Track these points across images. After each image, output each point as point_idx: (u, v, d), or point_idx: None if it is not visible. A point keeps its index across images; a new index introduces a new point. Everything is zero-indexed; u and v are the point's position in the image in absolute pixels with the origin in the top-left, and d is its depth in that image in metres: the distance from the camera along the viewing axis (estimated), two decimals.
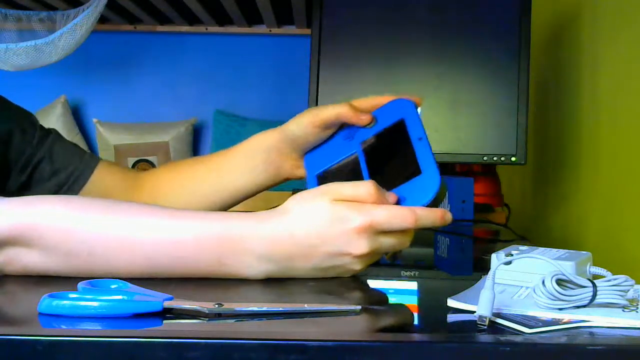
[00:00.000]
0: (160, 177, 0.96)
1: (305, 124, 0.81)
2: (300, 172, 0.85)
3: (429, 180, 0.62)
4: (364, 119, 0.76)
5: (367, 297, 0.60)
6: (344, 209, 0.58)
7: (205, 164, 0.93)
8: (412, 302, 0.58)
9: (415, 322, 0.54)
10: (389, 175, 0.65)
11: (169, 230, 0.59)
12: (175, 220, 0.60)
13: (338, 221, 0.58)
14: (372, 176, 0.69)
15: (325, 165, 0.77)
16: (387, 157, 0.71)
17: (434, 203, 0.62)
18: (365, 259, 0.60)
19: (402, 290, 0.63)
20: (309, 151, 0.83)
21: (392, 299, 0.58)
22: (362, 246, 0.58)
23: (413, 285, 0.65)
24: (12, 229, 0.58)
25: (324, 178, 0.75)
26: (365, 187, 0.60)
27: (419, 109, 0.71)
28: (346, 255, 0.59)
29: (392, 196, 0.62)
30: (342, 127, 0.80)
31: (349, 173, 0.72)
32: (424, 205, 0.61)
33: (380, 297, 0.61)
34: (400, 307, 0.57)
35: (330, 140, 0.80)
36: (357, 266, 0.60)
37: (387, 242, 0.60)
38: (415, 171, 0.64)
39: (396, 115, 0.72)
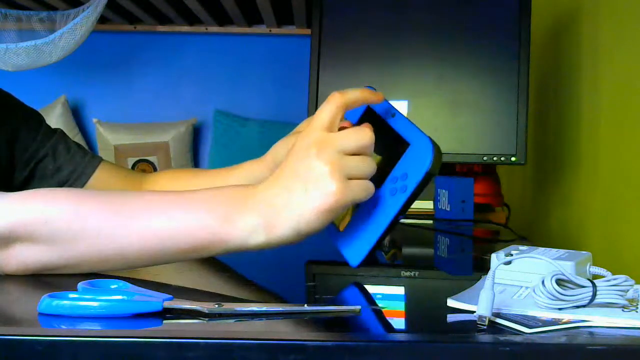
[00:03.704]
0: (160, 181, 0.97)
1: (285, 142, 0.84)
2: None
3: (421, 146, 0.62)
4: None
5: (366, 298, 0.60)
6: (309, 134, 0.60)
7: (204, 177, 0.95)
8: (399, 307, 0.58)
9: (415, 322, 0.54)
10: (382, 161, 0.64)
11: (178, 203, 0.59)
12: (183, 196, 0.60)
13: (307, 145, 0.59)
14: None
15: None
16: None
17: (435, 167, 0.61)
18: (337, 169, 0.58)
19: (389, 295, 0.63)
20: None
21: (380, 305, 0.58)
22: (327, 152, 0.58)
23: (400, 290, 0.65)
24: (13, 224, 0.58)
25: None
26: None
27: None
28: (318, 167, 0.58)
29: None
30: None
31: None
32: (426, 172, 0.61)
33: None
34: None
35: None
36: (333, 176, 0.58)
37: (353, 161, 0.60)
38: (404, 145, 0.64)
39: (361, 108, 0.72)
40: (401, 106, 1.37)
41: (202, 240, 0.58)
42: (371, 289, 0.63)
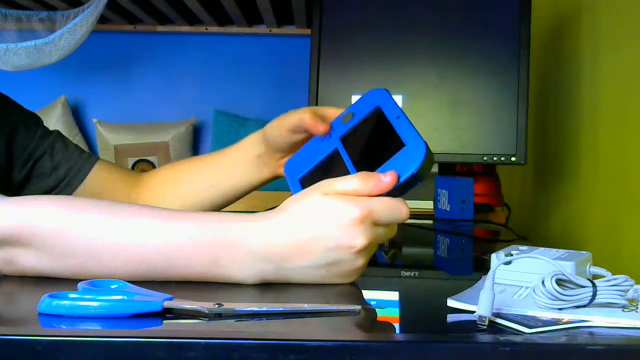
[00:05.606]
0: (158, 176, 0.97)
1: (276, 127, 0.85)
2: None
3: (414, 148, 0.61)
4: (321, 129, 0.75)
5: (366, 298, 0.60)
6: (341, 201, 0.58)
7: (202, 161, 0.95)
8: (399, 308, 0.58)
9: (415, 322, 0.54)
10: (373, 159, 0.64)
11: (164, 232, 0.59)
12: (170, 222, 0.59)
13: (335, 214, 0.57)
14: (356, 165, 0.68)
15: (307, 167, 0.75)
16: (369, 144, 0.70)
17: (423, 171, 0.60)
18: (366, 252, 0.58)
19: (389, 295, 0.63)
20: (288, 159, 0.82)
21: (380, 305, 0.57)
22: (361, 237, 0.57)
23: (395, 296, 0.65)
24: (8, 229, 0.58)
25: (307, 180, 0.74)
26: (357, 179, 0.59)
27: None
28: (346, 248, 0.57)
29: (389, 175, 0.60)
30: None
31: (333, 168, 0.71)
32: (412, 174, 0.60)
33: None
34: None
35: (308, 144, 0.79)
36: (359, 261, 0.58)
37: (382, 231, 0.59)
38: (399, 145, 0.63)
39: (371, 105, 0.71)
40: (399, 105, 1.37)
41: (193, 277, 0.59)
42: (371, 289, 0.63)
